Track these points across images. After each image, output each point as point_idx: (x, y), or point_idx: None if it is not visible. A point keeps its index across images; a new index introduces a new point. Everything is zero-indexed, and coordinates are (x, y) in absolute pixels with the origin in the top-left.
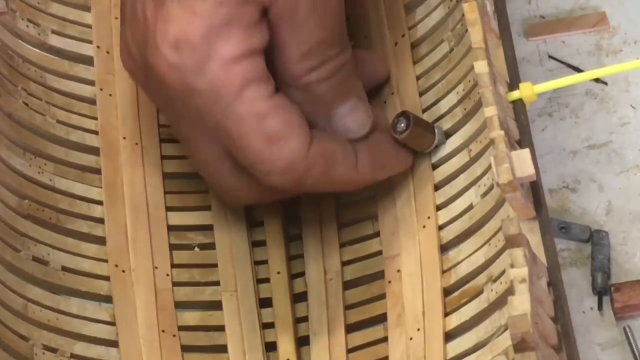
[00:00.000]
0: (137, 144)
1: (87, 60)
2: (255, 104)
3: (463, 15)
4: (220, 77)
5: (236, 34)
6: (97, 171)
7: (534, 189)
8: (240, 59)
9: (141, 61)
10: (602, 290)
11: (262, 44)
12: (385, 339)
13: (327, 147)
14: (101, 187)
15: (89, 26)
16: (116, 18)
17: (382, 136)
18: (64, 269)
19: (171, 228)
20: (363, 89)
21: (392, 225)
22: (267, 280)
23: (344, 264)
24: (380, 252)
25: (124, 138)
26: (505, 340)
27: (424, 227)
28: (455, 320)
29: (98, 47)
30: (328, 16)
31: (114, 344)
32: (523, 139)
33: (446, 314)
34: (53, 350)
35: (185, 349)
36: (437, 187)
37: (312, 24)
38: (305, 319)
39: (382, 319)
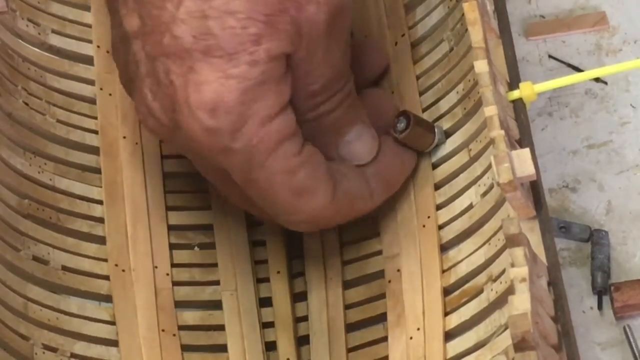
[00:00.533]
0: (137, 143)
1: (87, 60)
2: (287, 161)
3: (463, 14)
4: (256, 137)
5: (271, 92)
6: (97, 171)
7: (534, 188)
8: (275, 116)
9: (169, 122)
10: (602, 289)
11: (290, 95)
12: (385, 339)
13: (346, 190)
14: (101, 187)
15: (89, 26)
16: None
17: (386, 150)
18: (64, 268)
19: (171, 227)
20: (365, 114)
21: (392, 224)
22: (267, 279)
23: (344, 263)
24: (380, 252)
25: (124, 137)
26: (505, 340)
27: (424, 226)
28: (455, 319)
29: (98, 46)
30: (338, 55)
31: (114, 343)
32: (523, 139)
33: (446, 314)
34: (53, 349)
35: (185, 348)
36: (437, 187)
37: (325, 66)
38: (305, 318)
39: (382, 318)
